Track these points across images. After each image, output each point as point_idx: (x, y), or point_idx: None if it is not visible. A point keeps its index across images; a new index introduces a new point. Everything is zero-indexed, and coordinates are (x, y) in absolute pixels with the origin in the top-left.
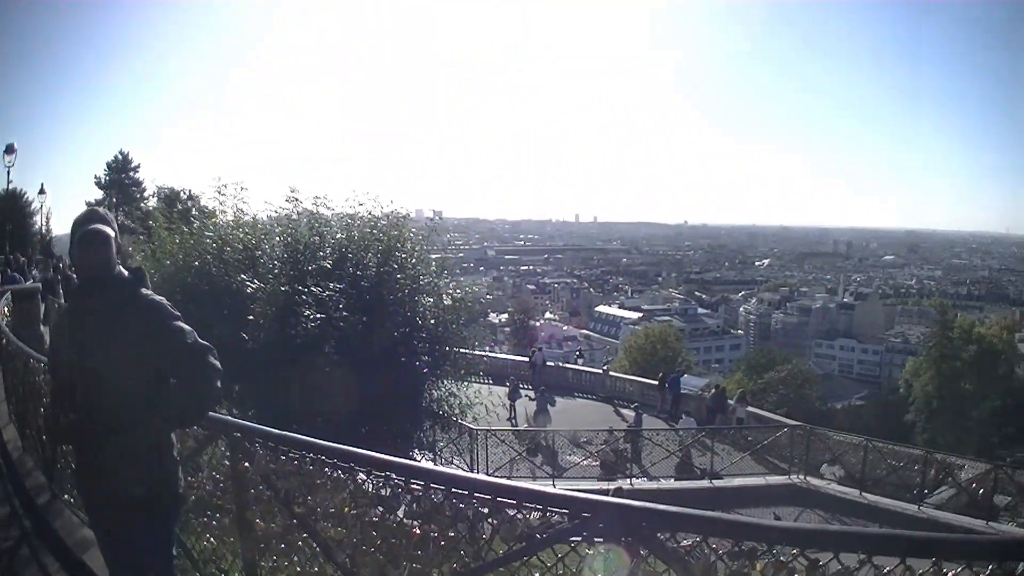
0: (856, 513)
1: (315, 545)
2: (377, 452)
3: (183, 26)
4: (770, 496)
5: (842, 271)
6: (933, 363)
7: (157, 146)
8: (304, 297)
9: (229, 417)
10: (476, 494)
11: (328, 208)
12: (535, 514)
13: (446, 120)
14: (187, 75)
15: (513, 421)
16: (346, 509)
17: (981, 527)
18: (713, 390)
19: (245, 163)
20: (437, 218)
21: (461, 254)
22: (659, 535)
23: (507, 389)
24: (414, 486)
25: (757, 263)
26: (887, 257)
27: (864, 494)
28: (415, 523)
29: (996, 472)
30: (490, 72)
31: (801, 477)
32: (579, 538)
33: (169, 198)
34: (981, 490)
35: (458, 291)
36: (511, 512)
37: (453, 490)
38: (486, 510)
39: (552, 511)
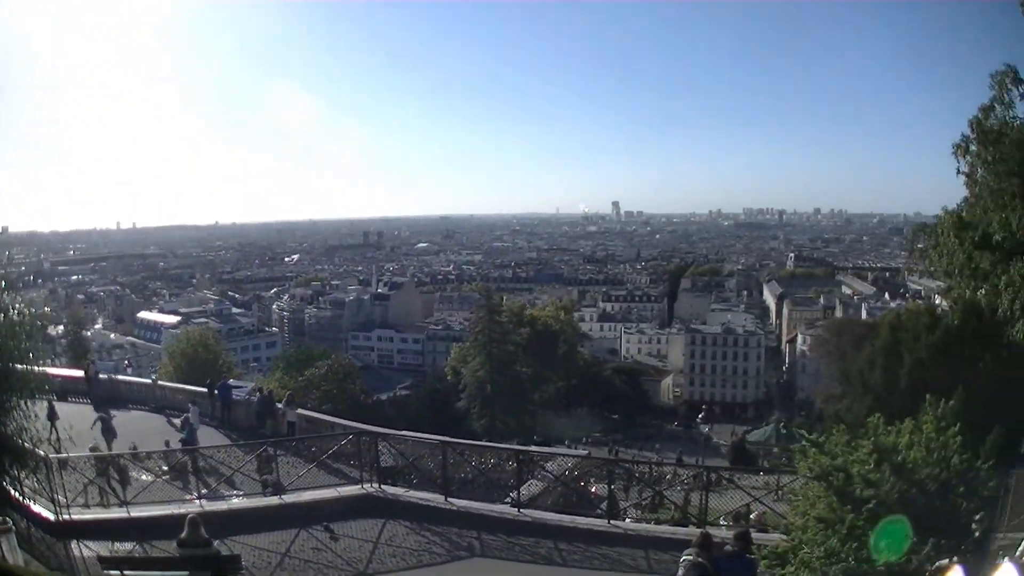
0: (445, 521)
1: None
2: None
3: None
4: (346, 509)
5: (374, 261)
6: (482, 348)
7: None
8: None
9: None
10: None
11: None
12: None
13: None
14: None
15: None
16: None
17: (603, 527)
18: (258, 394)
19: None
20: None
21: (23, 267)
22: None
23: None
24: None
25: (287, 259)
26: (421, 244)
27: (450, 499)
28: None
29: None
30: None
31: (375, 486)
32: None
33: None
34: (581, 482)
35: (24, 307)
36: None
37: None
38: None
39: None
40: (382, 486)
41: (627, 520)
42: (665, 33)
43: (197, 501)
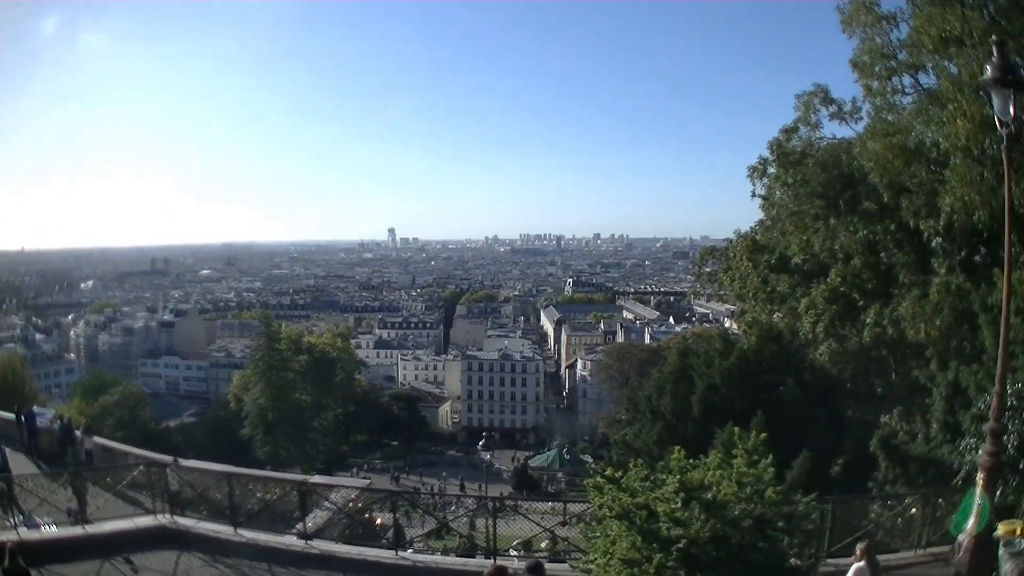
0: (236, 553)
1: None
2: None
3: None
4: (143, 539)
5: (161, 288)
6: (262, 375)
7: None
8: None
9: None
10: None
11: None
12: None
13: None
14: None
15: None
16: None
17: (391, 558)
18: (59, 421)
19: None
20: None
21: None
22: None
23: None
24: None
25: (82, 285)
26: (204, 272)
27: (239, 531)
28: None
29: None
30: None
31: (168, 516)
32: None
33: None
34: (366, 514)
35: None
36: None
37: None
38: None
39: None
40: (175, 517)
41: (410, 551)
42: (435, 59)
43: (16, 530)
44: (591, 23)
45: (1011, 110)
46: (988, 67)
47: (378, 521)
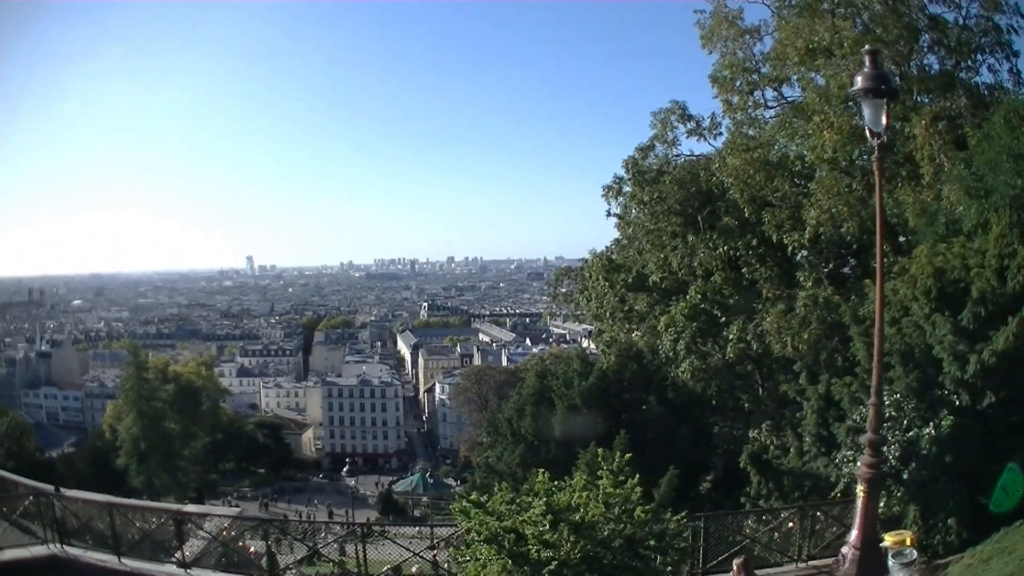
0: None
1: None
2: None
3: None
4: (36, 568)
5: (37, 319)
6: (133, 405)
7: None
8: None
9: None
10: None
11: None
12: None
13: None
14: None
15: None
16: None
17: None
18: None
19: None
20: None
21: None
22: None
23: None
24: None
25: None
26: (76, 302)
27: (124, 560)
28: None
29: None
30: None
31: (59, 546)
32: None
33: None
34: (239, 542)
35: None
36: None
37: None
38: None
39: None
40: (64, 546)
41: None
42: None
43: None
44: (444, 44)
45: (883, 120)
46: (859, 77)
47: (251, 549)
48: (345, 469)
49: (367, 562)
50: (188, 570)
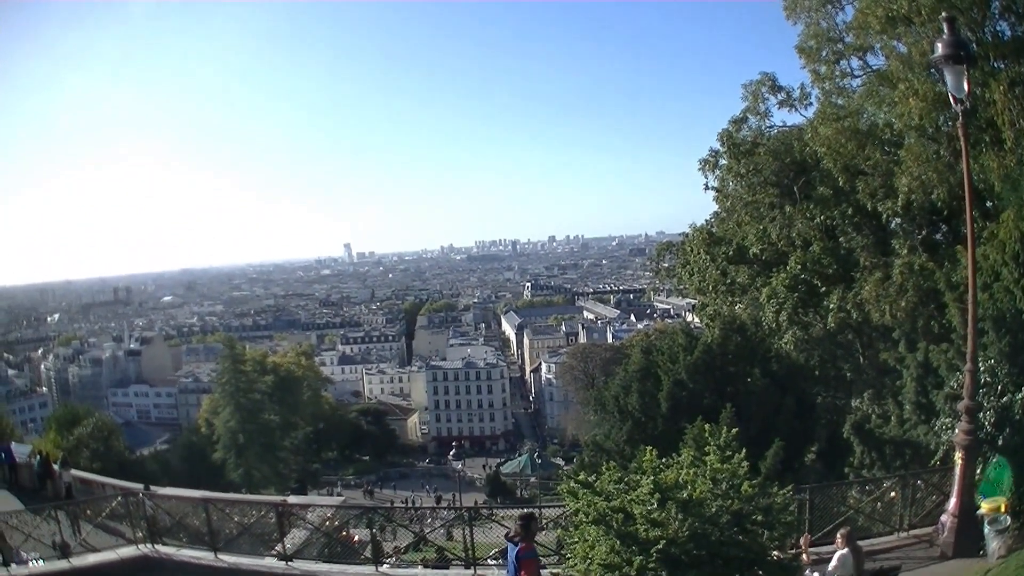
0: None
1: None
2: None
3: None
4: (127, 570)
5: (124, 317)
6: (230, 398)
7: None
8: None
9: None
10: None
11: None
12: None
13: None
14: None
15: None
16: None
17: (372, 573)
18: (38, 456)
19: None
20: None
21: None
22: None
23: None
24: None
25: (49, 319)
26: (166, 298)
27: (220, 556)
28: None
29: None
30: None
31: (149, 545)
32: None
33: None
34: (343, 531)
35: None
36: None
37: None
38: None
39: None
40: (155, 545)
41: (386, 565)
42: (378, 75)
43: (6, 568)
44: (538, 26)
45: (965, 86)
46: (938, 44)
47: (355, 538)
48: (452, 453)
49: (475, 546)
50: (289, 562)
